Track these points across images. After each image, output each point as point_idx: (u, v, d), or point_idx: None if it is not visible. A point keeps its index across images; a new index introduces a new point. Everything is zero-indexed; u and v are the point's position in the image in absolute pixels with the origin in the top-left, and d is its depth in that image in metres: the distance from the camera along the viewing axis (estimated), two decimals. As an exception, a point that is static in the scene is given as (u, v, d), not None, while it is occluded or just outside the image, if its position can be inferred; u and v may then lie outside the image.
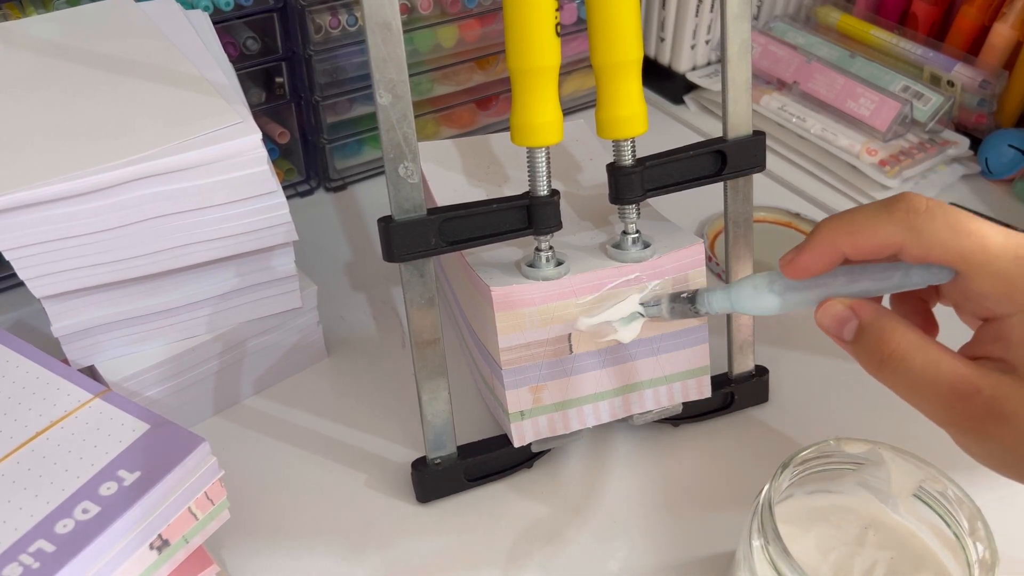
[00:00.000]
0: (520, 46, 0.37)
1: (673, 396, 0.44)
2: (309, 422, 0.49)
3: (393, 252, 0.38)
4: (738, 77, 0.42)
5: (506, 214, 0.40)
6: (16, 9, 0.54)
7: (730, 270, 0.46)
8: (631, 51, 0.39)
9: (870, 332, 0.32)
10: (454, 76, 0.67)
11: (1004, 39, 0.67)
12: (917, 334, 0.32)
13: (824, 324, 0.34)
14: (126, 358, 0.45)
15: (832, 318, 0.33)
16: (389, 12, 0.35)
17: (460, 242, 0.39)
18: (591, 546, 0.42)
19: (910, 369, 0.31)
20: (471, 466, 0.44)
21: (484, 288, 0.40)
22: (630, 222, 0.41)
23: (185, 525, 0.36)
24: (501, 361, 0.41)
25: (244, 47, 0.58)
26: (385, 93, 0.36)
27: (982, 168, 0.68)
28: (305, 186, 0.67)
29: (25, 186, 0.37)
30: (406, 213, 0.38)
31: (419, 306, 0.40)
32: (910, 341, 0.32)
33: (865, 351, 0.32)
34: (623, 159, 0.41)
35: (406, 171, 0.37)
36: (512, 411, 0.42)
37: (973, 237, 0.31)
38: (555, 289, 0.40)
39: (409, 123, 0.36)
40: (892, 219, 0.32)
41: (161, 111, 0.42)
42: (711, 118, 0.76)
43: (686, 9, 0.73)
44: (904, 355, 0.31)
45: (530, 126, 0.38)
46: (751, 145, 0.43)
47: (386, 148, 0.37)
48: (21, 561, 0.31)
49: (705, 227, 0.61)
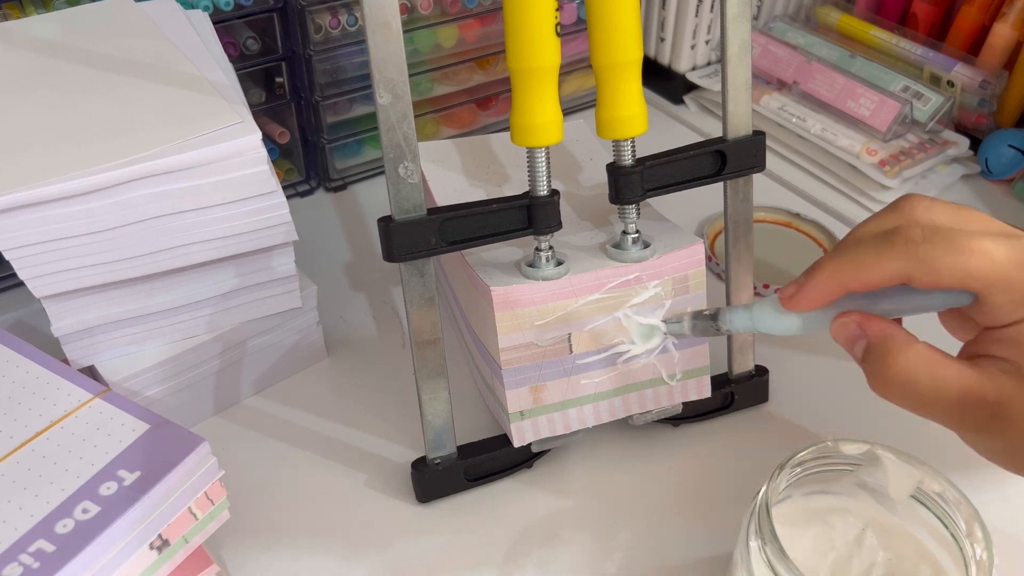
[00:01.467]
0: (520, 46, 0.37)
1: (673, 396, 0.44)
2: (309, 422, 0.49)
3: (393, 252, 0.38)
4: (738, 77, 0.42)
5: (506, 214, 0.40)
6: (16, 9, 0.54)
7: (730, 270, 0.46)
8: (631, 51, 0.39)
9: (876, 352, 0.33)
10: (454, 76, 0.67)
11: (1004, 39, 0.67)
12: (921, 352, 0.32)
13: (838, 340, 0.34)
14: (126, 358, 0.45)
15: (845, 335, 0.34)
16: (389, 12, 0.35)
17: (460, 242, 0.39)
18: (590, 546, 0.42)
19: (915, 389, 0.32)
20: (471, 466, 0.44)
21: (484, 288, 0.40)
22: (630, 222, 0.41)
23: (185, 525, 0.36)
24: (501, 361, 0.41)
25: (244, 47, 0.58)
26: (385, 93, 0.36)
27: (982, 168, 0.68)
28: (305, 186, 0.67)
29: (25, 186, 0.37)
30: (406, 213, 0.38)
31: (419, 306, 0.40)
32: (915, 361, 0.32)
33: (871, 370, 0.33)
34: (623, 159, 0.41)
35: (406, 171, 0.37)
36: (512, 411, 0.42)
37: (976, 255, 0.31)
38: (555, 289, 0.40)
39: (409, 123, 0.36)
40: (894, 253, 0.32)
41: (161, 111, 0.42)
42: (711, 118, 0.76)
43: (686, 9, 0.73)
44: (909, 376, 0.32)
45: (530, 126, 0.38)
46: (751, 145, 0.43)
47: (386, 148, 0.37)
48: (21, 561, 0.31)
49: (705, 227, 0.61)
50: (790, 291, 0.35)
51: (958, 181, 0.68)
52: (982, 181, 0.68)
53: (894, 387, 0.32)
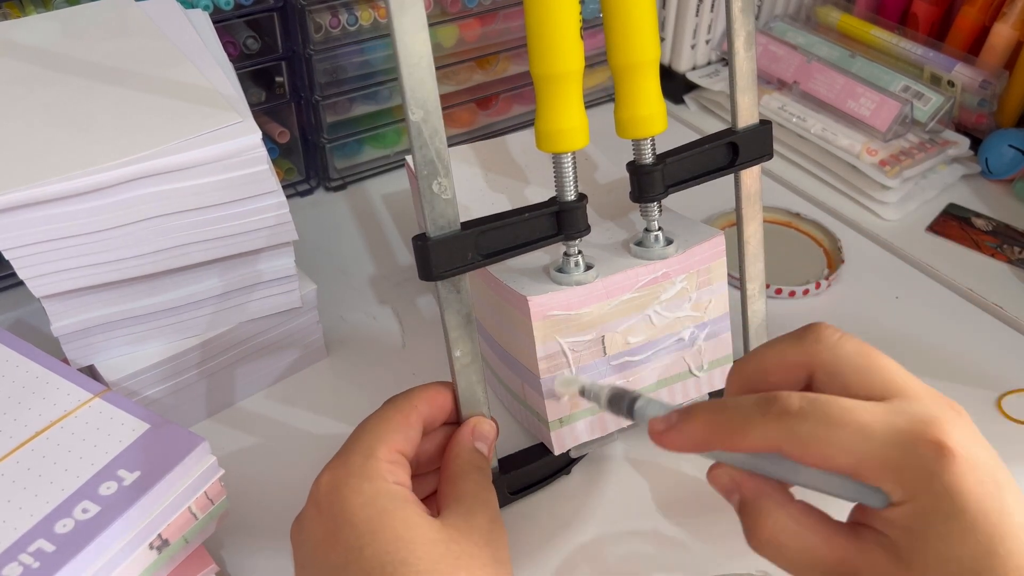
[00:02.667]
0: (544, 51, 0.37)
1: (700, 387, 0.45)
2: (309, 422, 0.49)
3: (432, 271, 0.36)
4: (745, 68, 0.43)
5: (536, 222, 0.39)
6: (16, 8, 0.54)
7: (743, 264, 0.46)
8: (649, 51, 0.39)
9: (748, 509, 0.32)
10: (454, 76, 0.67)
11: (1004, 39, 0.67)
12: (793, 516, 0.31)
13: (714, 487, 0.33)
14: (126, 358, 0.45)
15: (720, 485, 0.33)
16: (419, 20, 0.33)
17: (495, 254, 0.38)
18: (588, 546, 0.42)
19: (785, 556, 0.31)
20: (514, 479, 0.43)
21: (519, 299, 0.40)
22: (653, 219, 0.42)
23: (185, 525, 0.36)
24: (540, 370, 0.40)
25: (244, 46, 0.58)
26: (417, 109, 0.34)
27: (982, 168, 0.68)
28: (305, 186, 0.67)
29: (25, 186, 0.37)
30: (441, 230, 0.36)
31: (458, 323, 0.38)
32: (784, 527, 0.30)
33: (745, 526, 0.32)
34: (644, 158, 0.41)
35: (440, 187, 0.36)
36: (552, 419, 0.42)
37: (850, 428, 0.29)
38: (589, 293, 0.40)
39: (441, 138, 0.35)
40: (765, 422, 0.30)
41: (161, 111, 0.42)
42: (711, 118, 0.76)
43: (686, 9, 0.73)
44: (779, 542, 0.30)
45: (556, 132, 0.38)
46: (760, 134, 0.44)
47: (419, 165, 0.35)
48: (21, 561, 0.31)
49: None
50: (659, 426, 0.32)
51: (958, 181, 0.68)
52: (982, 181, 0.68)
53: (766, 549, 0.31)
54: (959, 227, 0.63)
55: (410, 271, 0.59)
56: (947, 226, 0.63)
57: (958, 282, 0.58)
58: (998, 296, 0.57)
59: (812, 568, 0.30)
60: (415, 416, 0.37)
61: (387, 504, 0.33)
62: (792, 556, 0.30)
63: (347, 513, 0.33)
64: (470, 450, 0.38)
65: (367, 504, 0.33)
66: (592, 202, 0.48)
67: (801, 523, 0.31)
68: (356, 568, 0.32)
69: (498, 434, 0.40)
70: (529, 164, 0.52)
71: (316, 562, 0.34)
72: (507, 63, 0.69)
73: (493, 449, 0.40)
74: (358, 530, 0.33)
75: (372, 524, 0.33)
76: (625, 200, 0.43)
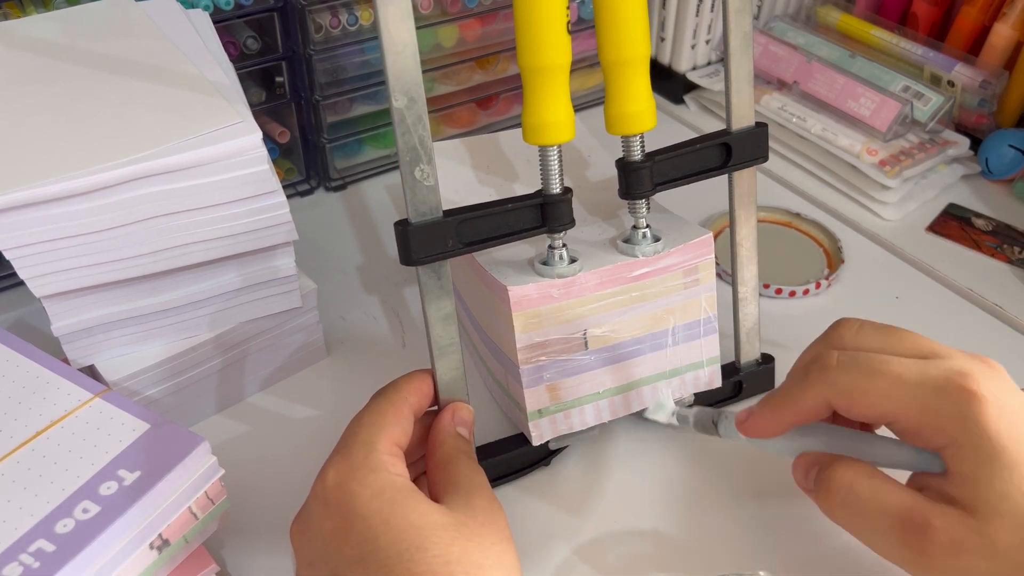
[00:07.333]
0: (531, 44, 0.37)
1: (685, 387, 0.45)
2: (309, 422, 0.49)
3: (411, 255, 0.38)
4: (740, 70, 0.43)
5: (520, 213, 0.40)
6: (16, 8, 0.54)
7: (736, 266, 0.46)
8: (639, 47, 0.39)
9: (826, 475, 0.34)
10: (454, 76, 0.67)
11: (1004, 39, 0.67)
12: (866, 471, 0.33)
13: (796, 475, 0.37)
14: (126, 358, 0.45)
15: (802, 467, 0.36)
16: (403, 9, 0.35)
17: (477, 243, 0.39)
18: (589, 546, 0.42)
19: (859, 498, 0.33)
20: (490, 467, 0.43)
21: (500, 288, 0.40)
22: (640, 216, 0.42)
23: (185, 525, 0.36)
24: (519, 360, 0.41)
25: (244, 46, 0.58)
26: (401, 96, 0.35)
27: (982, 168, 0.68)
28: (305, 186, 0.67)
29: (25, 186, 0.37)
30: (423, 216, 0.37)
31: (437, 309, 0.39)
32: (856, 478, 0.33)
33: (818, 488, 0.35)
34: (632, 154, 0.41)
35: (422, 174, 0.37)
36: (531, 410, 0.42)
37: (887, 379, 0.32)
38: (571, 286, 0.40)
39: (425, 126, 0.36)
40: (811, 381, 0.34)
41: (161, 111, 0.42)
42: (711, 118, 0.76)
43: (686, 9, 0.73)
44: (851, 485, 0.33)
45: (542, 124, 0.38)
46: (754, 136, 0.43)
47: (402, 151, 0.36)
48: (21, 561, 0.31)
49: (705, 226, 0.61)
50: (742, 416, 0.37)
51: (958, 181, 0.68)
52: (982, 181, 0.68)
53: (838, 495, 0.33)
54: (959, 227, 0.63)
55: (411, 270, 0.59)
56: (947, 226, 0.63)
57: (958, 282, 0.58)
58: (998, 296, 0.57)
59: (883, 515, 0.32)
60: (407, 408, 0.38)
61: (395, 495, 0.34)
62: (864, 500, 0.32)
63: (357, 506, 0.34)
64: (454, 435, 0.39)
65: (375, 496, 0.34)
66: (584, 200, 0.48)
67: (873, 476, 0.33)
68: (372, 559, 0.32)
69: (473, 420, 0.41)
70: (519, 161, 0.52)
71: (328, 558, 0.34)
72: (507, 63, 0.69)
73: (472, 433, 0.41)
74: (370, 522, 0.33)
75: (383, 515, 0.33)
76: (617, 199, 0.43)
